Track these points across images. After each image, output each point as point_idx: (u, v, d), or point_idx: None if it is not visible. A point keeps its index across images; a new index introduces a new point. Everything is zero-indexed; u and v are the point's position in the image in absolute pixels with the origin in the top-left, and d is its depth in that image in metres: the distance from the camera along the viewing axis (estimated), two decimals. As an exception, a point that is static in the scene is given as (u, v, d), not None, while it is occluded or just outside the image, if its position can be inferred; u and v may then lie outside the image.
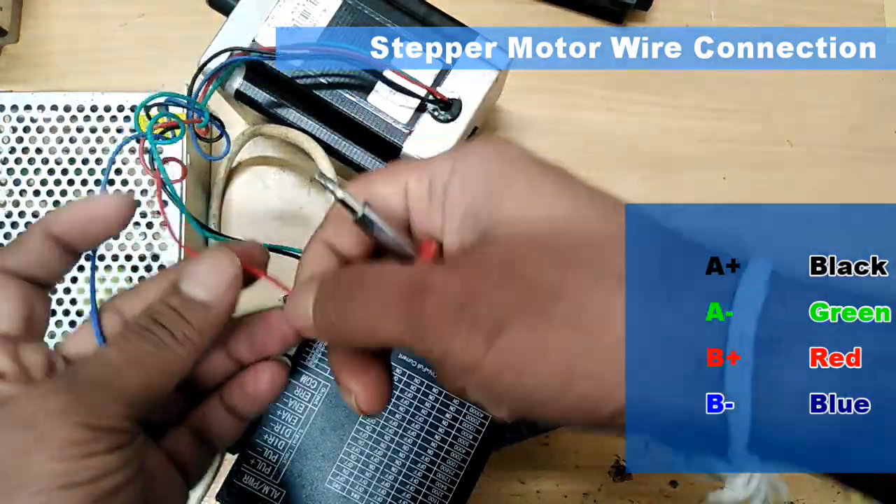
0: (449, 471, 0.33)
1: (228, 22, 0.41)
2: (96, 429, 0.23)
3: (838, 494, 0.49)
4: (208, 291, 0.25)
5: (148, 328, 0.25)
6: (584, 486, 0.48)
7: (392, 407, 0.33)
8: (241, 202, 0.50)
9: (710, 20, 0.53)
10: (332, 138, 0.41)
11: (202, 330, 0.25)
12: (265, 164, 0.51)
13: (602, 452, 0.49)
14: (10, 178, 0.44)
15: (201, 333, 0.25)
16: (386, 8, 0.41)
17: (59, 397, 0.23)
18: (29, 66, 0.51)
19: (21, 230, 0.44)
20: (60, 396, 0.23)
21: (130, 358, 0.24)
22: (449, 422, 0.33)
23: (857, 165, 0.53)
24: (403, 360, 0.34)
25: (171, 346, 0.25)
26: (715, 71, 0.51)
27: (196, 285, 0.25)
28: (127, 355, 0.24)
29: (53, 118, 0.45)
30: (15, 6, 0.51)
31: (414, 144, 0.40)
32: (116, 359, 0.24)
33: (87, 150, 0.44)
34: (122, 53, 0.51)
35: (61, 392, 0.23)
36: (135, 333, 0.25)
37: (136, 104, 0.45)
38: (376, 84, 0.40)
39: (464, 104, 0.40)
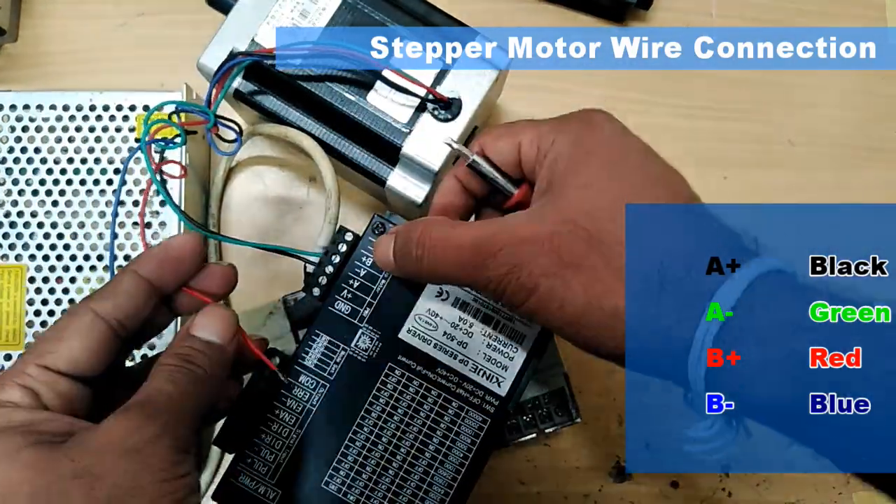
0: (447, 474, 0.33)
1: (227, 21, 0.41)
2: (183, 451, 0.27)
3: (840, 496, 0.49)
4: (220, 336, 0.31)
5: (186, 367, 0.29)
6: (585, 487, 0.48)
7: (390, 409, 0.33)
8: (239, 201, 0.50)
9: (710, 20, 0.53)
10: (332, 138, 0.41)
11: (222, 364, 0.30)
12: (264, 163, 0.50)
13: (602, 453, 0.49)
14: (10, 177, 0.44)
15: (222, 367, 0.30)
16: (386, 7, 0.41)
17: (152, 427, 0.26)
18: (28, 66, 0.51)
19: (20, 230, 0.44)
20: (152, 426, 0.26)
21: (184, 392, 0.28)
22: (447, 424, 0.33)
23: (857, 165, 0.53)
24: (402, 361, 0.34)
25: (205, 380, 0.29)
26: (715, 71, 0.51)
27: (210, 333, 0.30)
28: (181, 389, 0.28)
29: (52, 118, 0.45)
30: (14, 6, 0.51)
31: (413, 144, 0.40)
32: (175, 393, 0.28)
33: (87, 149, 0.44)
34: (121, 53, 0.51)
35: (151, 421, 0.26)
36: (178, 369, 0.29)
37: (135, 103, 0.45)
38: (376, 83, 0.40)
39: (464, 104, 0.40)
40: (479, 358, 0.34)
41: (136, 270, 0.31)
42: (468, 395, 0.34)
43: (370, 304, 0.34)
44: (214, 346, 0.30)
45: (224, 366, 0.31)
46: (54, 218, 0.44)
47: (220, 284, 0.33)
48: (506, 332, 0.34)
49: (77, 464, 0.25)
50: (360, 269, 0.34)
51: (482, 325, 0.34)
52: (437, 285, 0.34)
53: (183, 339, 0.30)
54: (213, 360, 0.30)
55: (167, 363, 0.29)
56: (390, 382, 0.33)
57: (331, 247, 0.35)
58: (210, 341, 0.30)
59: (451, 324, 0.34)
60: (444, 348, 0.34)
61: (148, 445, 0.26)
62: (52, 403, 0.28)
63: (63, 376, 0.28)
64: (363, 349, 0.34)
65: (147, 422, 0.26)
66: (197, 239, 0.32)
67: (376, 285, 0.34)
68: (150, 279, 0.31)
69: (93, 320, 0.29)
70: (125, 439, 0.25)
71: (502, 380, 0.34)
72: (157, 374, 0.28)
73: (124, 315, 0.30)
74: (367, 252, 0.34)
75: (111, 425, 0.26)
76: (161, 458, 0.26)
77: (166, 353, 0.30)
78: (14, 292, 0.44)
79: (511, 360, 0.34)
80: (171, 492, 0.26)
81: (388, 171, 0.41)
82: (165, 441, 0.26)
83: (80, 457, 0.25)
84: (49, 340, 0.29)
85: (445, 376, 0.34)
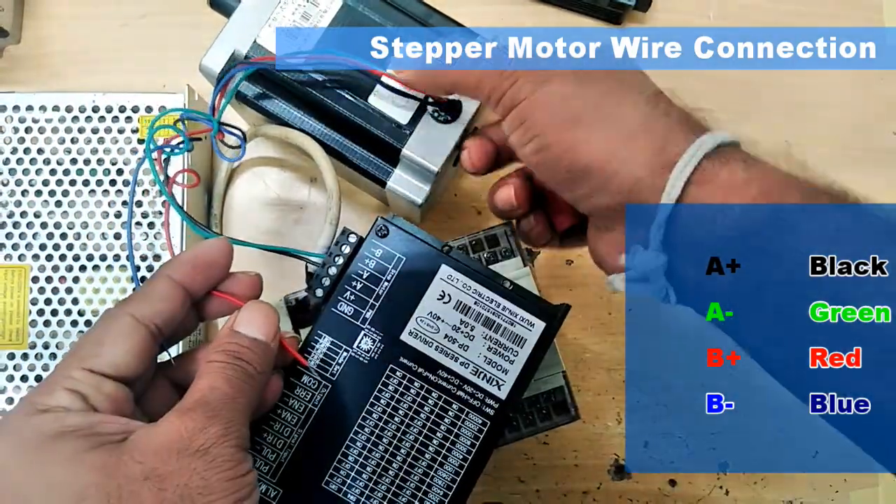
0: (446, 475, 0.33)
1: (229, 23, 0.41)
2: (244, 450, 0.28)
3: (837, 493, 0.49)
4: (265, 333, 0.31)
5: (237, 365, 0.29)
6: (584, 484, 0.49)
7: (391, 410, 0.34)
8: (241, 202, 0.50)
9: (710, 20, 0.53)
10: (333, 139, 0.42)
11: (268, 361, 0.31)
12: (266, 164, 0.51)
13: (601, 451, 0.49)
14: (12, 178, 0.44)
15: (269, 363, 0.31)
16: (386, 9, 0.41)
17: (216, 427, 0.27)
18: (30, 67, 0.51)
19: (24, 231, 0.44)
20: (217, 425, 0.27)
21: (239, 389, 0.29)
22: (448, 426, 0.34)
23: (857, 165, 0.53)
24: (404, 363, 0.34)
25: (255, 377, 0.30)
26: (715, 71, 0.51)
27: (255, 330, 0.31)
28: (236, 387, 0.29)
29: (54, 119, 0.45)
30: (16, 7, 0.51)
31: (414, 145, 0.40)
32: (231, 391, 0.28)
33: (89, 150, 0.45)
34: (122, 54, 0.51)
35: (215, 421, 0.27)
36: (229, 366, 0.29)
37: (137, 104, 0.45)
38: (376, 85, 0.40)
39: (464, 105, 0.40)
40: (479, 361, 0.34)
41: (171, 275, 0.31)
42: (468, 398, 0.34)
43: (373, 306, 0.34)
44: (260, 342, 0.30)
45: (270, 362, 0.31)
46: (57, 218, 0.44)
47: (246, 291, 0.33)
48: (507, 336, 0.34)
49: (145, 465, 0.25)
50: (363, 272, 0.35)
51: (483, 328, 0.34)
52: (439, 288, 0.35)
53: (229, 336, 0.30)
54: (260, 357, 0.30)
55: (217, 360, 0.29)
56: (391, 384, 0.34)
57: (334, 248, 0.35)
58: (256, 338, 0.30)
59: (453, 326, 0.34)
60: (445, 351, 0.34)
61: (214, 446, 0.26)
62: (100, 406, 0.28)
63: (108, 378, 0.28)
64: (365, 350, 0.34)
65: (210, 422, 0.27)
66: (226, 245, 0.32)
67: (379, 287, 0.34)
68: (183, 283, 0.31)
69: (132, 324, 0.29)
70: (192, 440, 0.26)
71: (503, 383, 0.34)
72: (209, 372, 0.29)
73: (161, 319, 0.30)
74: (370, 254, 0.35)
75: (174, 426, 0.27)
76: (227, 457, 0.26)
77: (213, 350, 0.30)
78: (17, 292, 0.44)
79: (512, 364, 0.34)
80: (238, 489, 0.26)
81: (388, 172, 0.41)
82: (231, 440, 0.27)
83: (146, 458, 0.26)
84: (91, 344, 0.29)
85: (446, 378, 0.34)
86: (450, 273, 0.35)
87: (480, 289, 0.34)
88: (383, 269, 0.35)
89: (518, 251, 0.41)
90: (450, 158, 0.40)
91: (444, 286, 0.34)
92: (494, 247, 0.41)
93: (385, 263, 0.35)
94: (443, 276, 0.34)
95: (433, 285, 0.34)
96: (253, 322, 0.31)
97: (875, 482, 0.49)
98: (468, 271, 0.35)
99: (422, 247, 0.35)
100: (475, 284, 0.34)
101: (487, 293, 0.34)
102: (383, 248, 0.35)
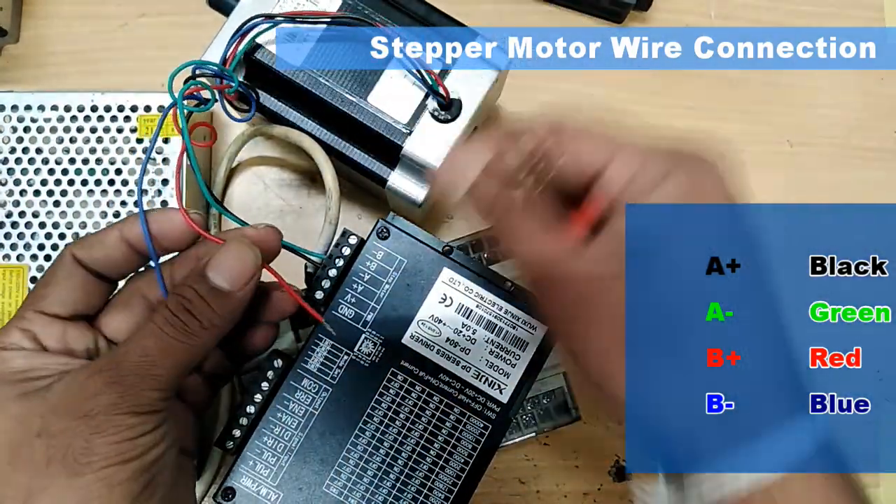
0: (447, 479, 0.33)
1: (228, 22, 0.41)
2: (142, 414, 0.27)
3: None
4: (232, 283, 0.28)
5: (179, 316, 0.28)
6: (584, 486, 0.48)
7: (392, 413, 0.33)
8: (240, 202, 0.50)
9: (710, 20, 0.53)
10: (332, 138, 0.41)
11: (225, 317, 0.29)
12: (265, 164, 0.51)
13: (602, 453, 0.49)
14: (11, 178, 0.44)
15: (224, 319, 0.29)
16: (386, 8, 0.41)
17: (110, 394, 0.26)
18: (29, 67, 0.51)
19: (22, 230, 0.44)
20: (111, 393, 0.26)
21: (166, 347, 0.28)
22: (449, 430, 0.34)
23: (857, 165, 0.53)
24: (405, 367, 0.34)
25: (199, 334, 0.28)
26: (715, 71, 0.51)
27: (222, 278, 0.28)
28: (163, 344, 0.28)
29: (54, 118, 0.45)
30: (15, 6, 0.50)
31: (414, 144, 0.40)
32: (154, 349, 0.27)
33: (88, 150, 0.44)
34: (122, 53, 0.51)
35: (112, 388, 0.26)
36: (167, 322, 0.28)
37: (136, 104, 0.45)
38: (376, 84, 0.40)
39: (464, 104, 0.40)
40: (481, 364, 0.34)
41: (121, 230, 0.31)
42: (470, 402, 0.34)
43: (374, 309, 0.34)
44: (222, 293, 0.28)
45: (230, 313, 0.29)
46: (56, 218, 0.44)
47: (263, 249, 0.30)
48: (508, 339, 0.34)
49: (43, 420, 0.26)
50: (364, 274, 0.35)
51: (485, 332, 0.34)
52: (440, 291, 0.34)
53: (193, 281, 0.29)
54: (215, 311, 0.28)
55: (161, 314, 0.28)
56: (393, 387, 0.34)
57: (334, 250, 0.35)
58: (219, 287, 0.28)
59: (455, 330, 0.34)
60: (446, 354, 0.34)
61: (101, 413, 0.26)
62: (50, 344, 0.29)
63: (57, 318, 0.30)
64: (366, 354, 0.34)
65: (107, 388, 0.27)
66: (182, 221, 0.30)
67: (380, 290, 0.34)
68: (129, 240, 0.30)
69: (73, 264, 0.30)
70: (82, 404, 0.26)
71: (504, 387, 0.34)
72: (143, 332, 0.28)
73: (101, 265, 0.31)
74: (370, 256, 0.35)
75: (72, 384, 0.27)
76: (115, 423, 0.26)
77: (171, 295, 0.29)
78: (16, 292, 0.44)
79: (513, 368, 0.34)
80: (125, 451, 0.26)
81: (388, 171, 0.41)
82: (123, 408, 0.26)
83: (45, 413, 0.26)
84: (40, 286, 0.30)
85: (448, 382, 0.34)
86: (451, 276, 0.34)
87: (482, 291, 0.34)
88: (384, 272, 0.34)
89: (519, 252, 0.41)
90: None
91: (445, 289, 0.34)
92: (495, 247, 0.41)
93: (386, 266, 0.35)
94: (444, 279, 0.34)
95: (435, 288, 0.34)
96: (222, 267, 0.28)
97: (875, 482, 0.49)
98: (470, 273, 0.34)
99: (423, 249, 0.35)
100: (477, 287, 0.34)
101: (489, 296, 0.34)
102: (384, 249, 0.35)
